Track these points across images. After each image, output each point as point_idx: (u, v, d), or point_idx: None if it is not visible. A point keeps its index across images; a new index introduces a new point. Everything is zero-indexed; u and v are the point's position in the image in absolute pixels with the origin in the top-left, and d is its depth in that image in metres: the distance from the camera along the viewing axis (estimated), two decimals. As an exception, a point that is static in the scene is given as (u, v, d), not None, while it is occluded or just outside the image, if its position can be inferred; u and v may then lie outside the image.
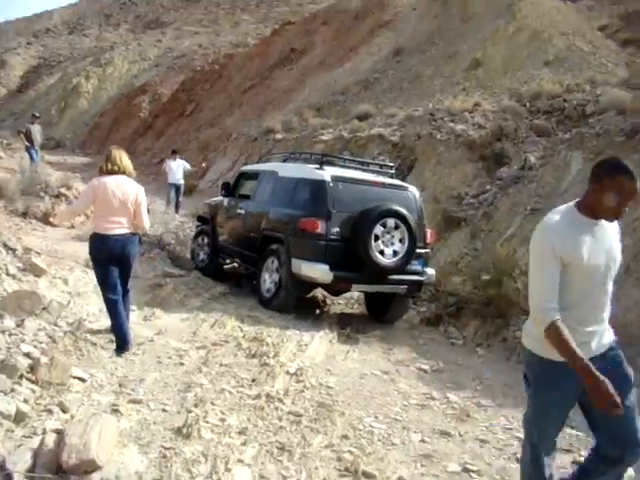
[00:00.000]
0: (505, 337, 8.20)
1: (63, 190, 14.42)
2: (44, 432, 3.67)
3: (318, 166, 8.50)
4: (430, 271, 8.66)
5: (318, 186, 8.05)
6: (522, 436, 5.16)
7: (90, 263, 8.83)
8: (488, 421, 5.54)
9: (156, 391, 4.92)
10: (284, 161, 9.92)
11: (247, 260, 9.33)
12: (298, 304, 8.48)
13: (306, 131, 19.93)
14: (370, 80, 23.89)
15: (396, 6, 31.34)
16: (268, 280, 8.50)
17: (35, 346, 4.80)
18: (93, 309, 6.93)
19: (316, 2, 57.97)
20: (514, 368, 7.42)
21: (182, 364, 5.69)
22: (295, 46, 33.33)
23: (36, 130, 17.79)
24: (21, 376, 4.27)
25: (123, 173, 5.93)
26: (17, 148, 23.52)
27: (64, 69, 58.94)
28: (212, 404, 4.73)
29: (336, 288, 8.60)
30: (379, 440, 4.72)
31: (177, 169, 17.46)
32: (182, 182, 17.58)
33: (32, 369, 4.39)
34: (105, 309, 6.75)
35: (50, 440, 3.45)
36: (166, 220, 12.34)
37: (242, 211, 9.55)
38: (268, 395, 5.16)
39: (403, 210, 7.95)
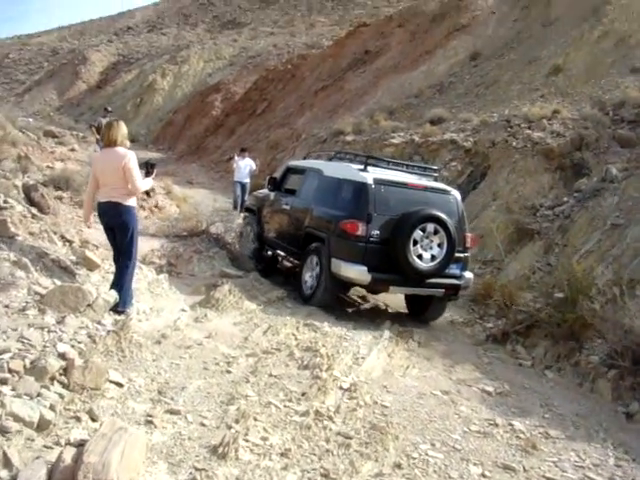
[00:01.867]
0: (577, 361, 7.61)
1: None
2: (68, 443, 3.39)
3: (362, 167, 8.60)
4: (468, 275, 8.71)
5: (360, 188, 8.14)
6: (595, 477, 4.72)
7: (146, 259, 8.83)
8: (557, 455, 5.04)
9: (197, 401, 4.61)
10: (330, 160, 9.99)
11: (290, 254, 9.65)
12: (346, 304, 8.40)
13: (377, 134, 19.47)
14: (445, 84, 23.23)
15: (474, 9, 30.46)
16: (309, 278, 8.67)
17: (73, 346, 4.51)
18: (144, 307, 6.70)
19: (392, 5, 57.47)
20: (586, 396, 6.87)
21: (229, 372, 5.38)
22: (369, 48, 32.82)
23: (107, 124, 17.90)
24: (52, 378, 4.00)
25: (114, 145, 6.32)
26: (91, 142, 23.89)
27: (141, 66, 60.07)
28: (255, 419, 4.38)
29: (374, 289, 8.73)
30: (434, 472, 4.29)
31: (244, 168, 17.36)
32: (248, 180, 17.45)
33: (65, 371, 4.11)
34: (157, 307, 6.71)
35: (68, 455, 3.14)
36: (228, 218, 12.12)
37: (287, 206, 9.69)
38: (317, 412, 4.80)
39: (443, 215, 8.00)
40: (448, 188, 8.93)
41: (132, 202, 6.40)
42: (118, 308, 6.06)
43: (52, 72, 67.40)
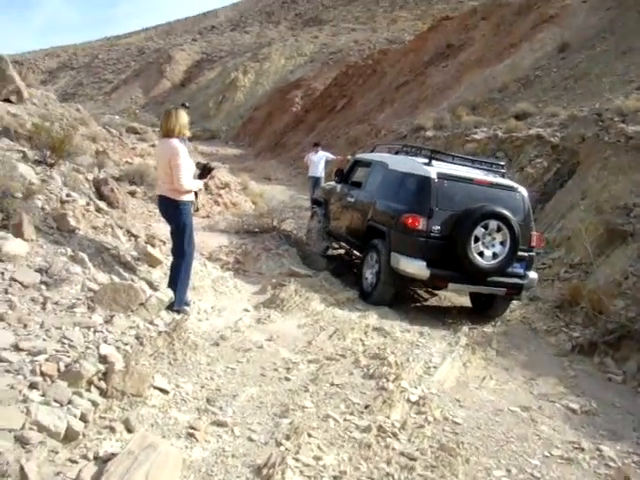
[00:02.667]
0: (675, 378, 6.87)
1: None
2: (96, 457, 3.07)
3: (426, 161, 8.47)
4: (532, 275, 8.50)
5: (423, 182, 8.04)
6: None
7: (213, 255, 8.60)
8: (654, 491, 4.42)
9: (248, 412, 4.23)
10: (396, 153, 9.96)
11: (353, 247, 9.62)
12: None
13: (458, 129, 18.80)
14: (531, 77, 22.22)
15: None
16: (369, 275, 8.56)
17: (118, 347, 4.21)
18: (205, 306, 6.44)
19: (477, -1, 56.12)
20: (687, 418, 6.14)
21: (287, 379, 5.00)
22: (452, 42, 31.93)
23: (184, 119, 17.79)
24: (90, 383, 3.69)
25: (167, 136, 6.00)
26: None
27: (224, 64, 60.91)
28: (309, 435, 3.97)
29: (432, 285, 8.53)
30: (509, 505, 3.78)
31: (318, 162, 16.97)
32: (322, 176, 17.01)
33: (105, 376, 3.81)
34: (219, 307, 6.45)
35: (87, 475, 2.80)
36: (301, 215, 11.81)
37: (352, 199, 9.68)
38: (380, 428, 4.36)
39: (506, 212, 7.84)
40: (515, 185, 8.68)
41: (184, 197, 6.05)
42: (174, 307, 5.80)
43: (138, 71, 69.35)
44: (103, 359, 3.96)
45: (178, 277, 5.95)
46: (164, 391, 4.17)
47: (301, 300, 7.23)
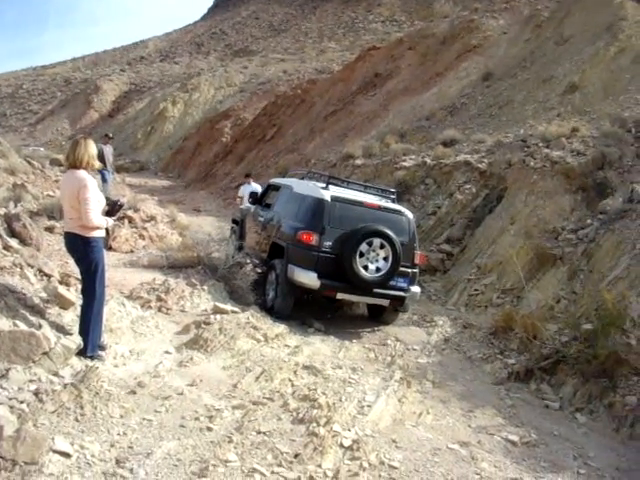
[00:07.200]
0: (612, 402, 6.81)
1: (130, 212, 13.80)
2: None
3: (324, 186, 9.26)
4: (415, 289, 9.21)
5: (318, 204, 8.86)
6: None
7: (133, 293, 8.10)
8: (599, 527, 4.21)
9: (162, 472, 3.77)
10: (302, 178, 10.87)
11: (262, 262, 10.03)
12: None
13: (387, 157, 18.76)
14: (457, 105, 22.57)
15: (485, 30, 29.99)
16: (270, 291, 9.25)
17: (12, 407, 3.70)
18: (123, 349, 5.94)
19: (403, 30, 57.41)
20: (626, 444, 6.05)
21: (210, 429, 4.57)
22: (379, 71, 32.30)
23: (108, 150, 17.15)
24: (-28, 456, 3.20)
25: (74, 167, 5.54)
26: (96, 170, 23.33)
27: (153, 94, 60.00)
28: (231, 497, 3.58)
29: (323, 294, 9.10)
30: None
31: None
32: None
33: (-7, 444, 3.31)
34: (138, 350, 6.03)
35: None
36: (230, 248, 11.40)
37: (262, 219, 10.58)
38: (311, 479, 4.00)
39: (388, 231, 8.62)
40: (401, 209, 9.49)
41: (94, 233, 5.56)
42: (87, 353, 5.30)
43: (65, 102, 67.66)
44: (-8, 423, 3.44)
45: (90, 320, 5.45)
46: (66, 454, 3.65)
47: (226, 339, 6.76)
